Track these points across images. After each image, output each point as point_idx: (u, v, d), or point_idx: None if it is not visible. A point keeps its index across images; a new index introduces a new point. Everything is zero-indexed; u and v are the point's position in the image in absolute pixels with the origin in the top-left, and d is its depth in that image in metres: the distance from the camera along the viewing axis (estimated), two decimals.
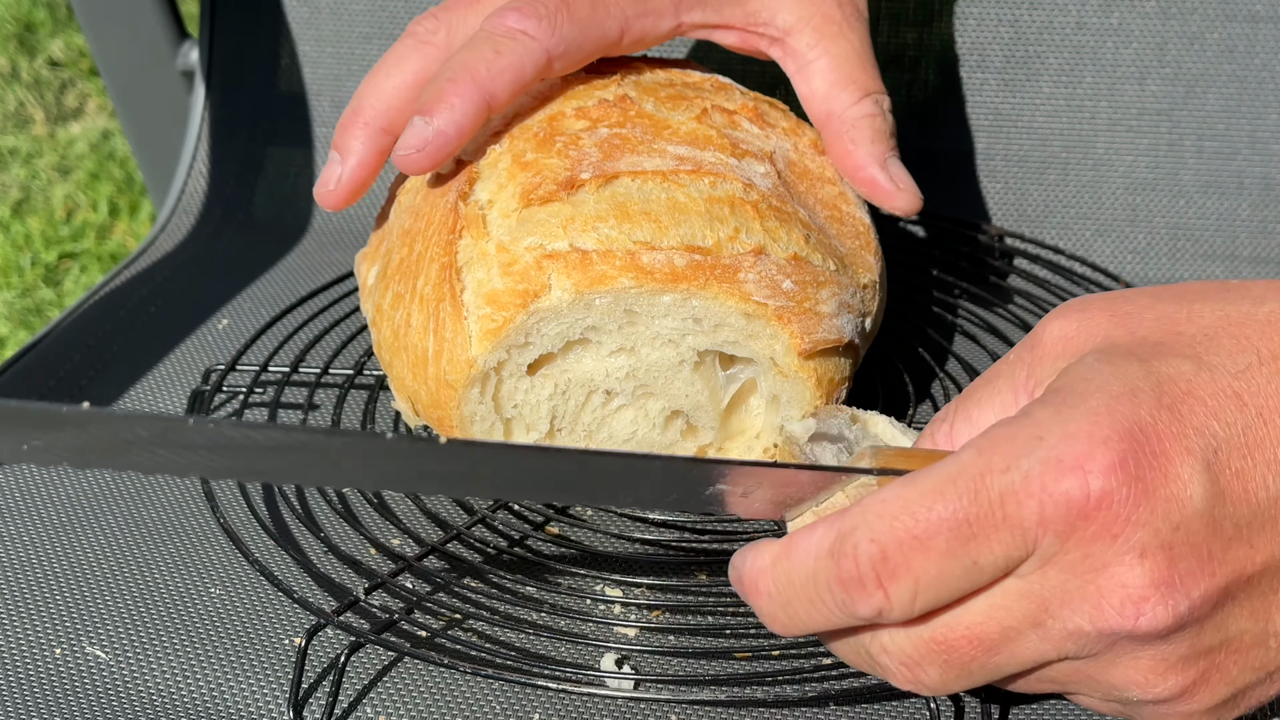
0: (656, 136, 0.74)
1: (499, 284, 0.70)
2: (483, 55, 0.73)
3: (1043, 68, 1.01)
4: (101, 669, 0.70)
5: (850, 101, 0.78)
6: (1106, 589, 0.52)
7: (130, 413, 0.54)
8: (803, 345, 0.71)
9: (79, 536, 0.78)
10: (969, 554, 0.52)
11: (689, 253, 0.70)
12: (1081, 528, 0.52)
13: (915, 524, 0.53)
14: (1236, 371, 0.54)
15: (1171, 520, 0.52)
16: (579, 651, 0.70)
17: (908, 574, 0.53)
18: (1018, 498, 0.52)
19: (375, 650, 0.70)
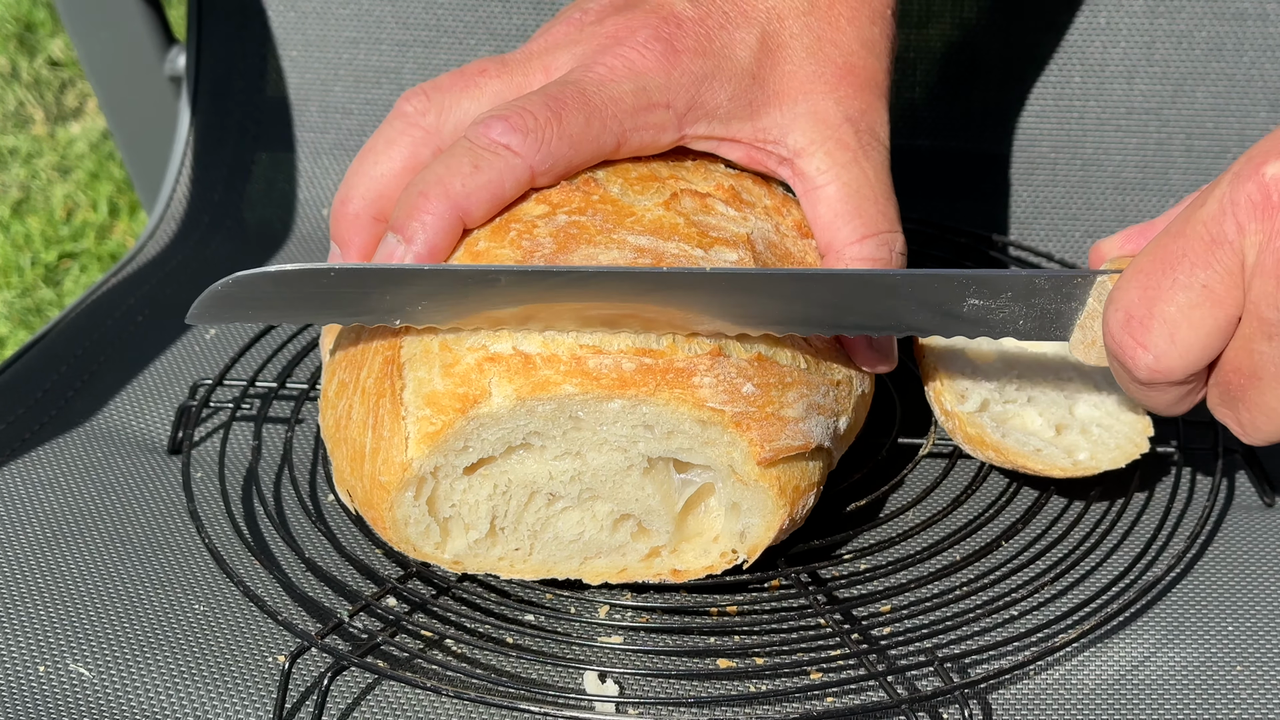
0: (618, 225, 0.71)
1: (439, 385, 0.67)
2: (460, 169, 0.70)
3: (1030, 68, 1.00)
4: (85, 687, 0.70)
5: (852, 238, 0.74)
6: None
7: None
8: (763, 454, 0.67)
9: (63, 553, 0.78)
10: (1196, 279, 0.61)
11: (639, 356, 0.67)
12: (1267, 220, 0.59)
13: (1143, 277, 0.63)
14: None
15: None
16: (562, 674, 0.69)
17: (1155, 319, 0.63)
18: (1216, 219, 0.60)
19: (359, 672, 0.70)
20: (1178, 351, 0.63)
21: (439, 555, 0.71)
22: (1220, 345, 0.63)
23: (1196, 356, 0.63)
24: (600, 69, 0.73)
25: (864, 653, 0.68)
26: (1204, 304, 0.62)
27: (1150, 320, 0.63)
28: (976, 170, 1.02)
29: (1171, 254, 0.62)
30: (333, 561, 0.76)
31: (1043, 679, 0.69)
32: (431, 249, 0.70)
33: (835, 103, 0.75)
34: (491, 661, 0.70)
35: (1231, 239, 0.61)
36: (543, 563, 0.71)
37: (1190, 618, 0.73)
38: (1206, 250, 0.61)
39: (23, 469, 0.84)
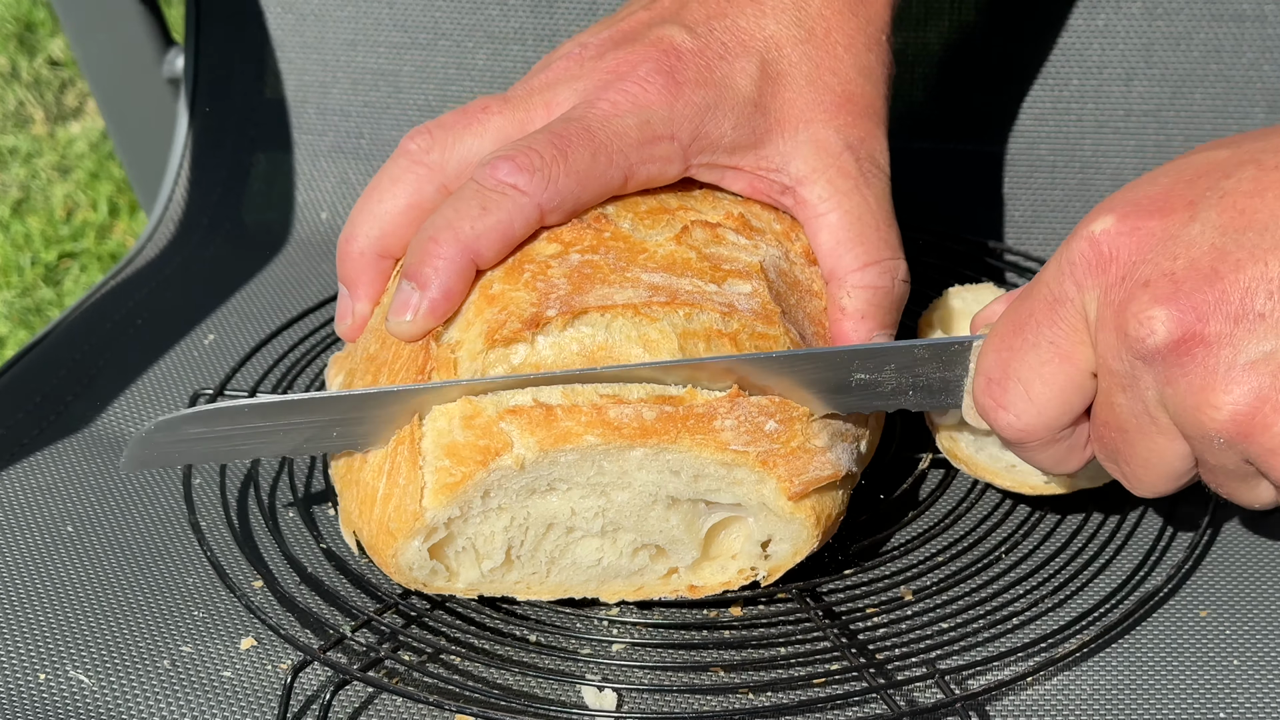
0: (631, 263, 0.70)
1: (460, 436, 0.66)
2: (468, 211, 0.70)
3: (1028, 70, 1.00)
4: (85, 694, 0.70)
5: (854, 266, 0.74)
6: (1127, 322, 0.60)
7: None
8: (793, 488, 0.67)
9: (63, 561, 0.78)
10: (1043, 337, 0.64)
11: (659, 404, 0.66)
12: (1100, 276, 0.62)
13: (999, 340, 0.66)
14: (1240, 143, 0.63)
15: (1173, 254, 0.60)
16: (562, 687, 0.69)
17: (1010, 380, 0.65)
18: (1057, 279, 0.63)
19: (361, 686, 0.70)
20: (1035, 409, 0.65)
21: (452, 586, 0.70)
22: (1079, 400, 0.65)
23: (1055, 412, 0.65)
24: (604, 104, 0.72)
25: (863, 666, 0.68)
26: (1053, 360, 0.64)
27: (1006, 380, 0.65)
28: (975, 173, 1.02)
29: (1021, 317, 0.65)
30: (334, 575, 0.76)
31: (1042, 690, 0.69)
32: (446, 293, 0.70)
33: (835, 130, 0.75)
34: (492, 675, 0.70)
35: (1072, 297, 0.63)
36: (560, 584, 0.71)
37: (1189, 627, 0.72)
38: (1050, 310, 0.64)
39: (22, 474, 0.84)
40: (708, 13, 0.75)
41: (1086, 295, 0.62)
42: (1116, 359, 0.62)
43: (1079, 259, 0.62)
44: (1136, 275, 0.61)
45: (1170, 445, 0.63)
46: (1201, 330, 0.59)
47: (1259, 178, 0.60)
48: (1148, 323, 0.60)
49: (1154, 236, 0.61)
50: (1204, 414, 0.60)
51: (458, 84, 1.08)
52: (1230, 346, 0.59)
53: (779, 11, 0.76)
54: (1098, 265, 0.62)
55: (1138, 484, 0.66)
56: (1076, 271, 0.63)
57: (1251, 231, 0.59)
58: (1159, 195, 0.62)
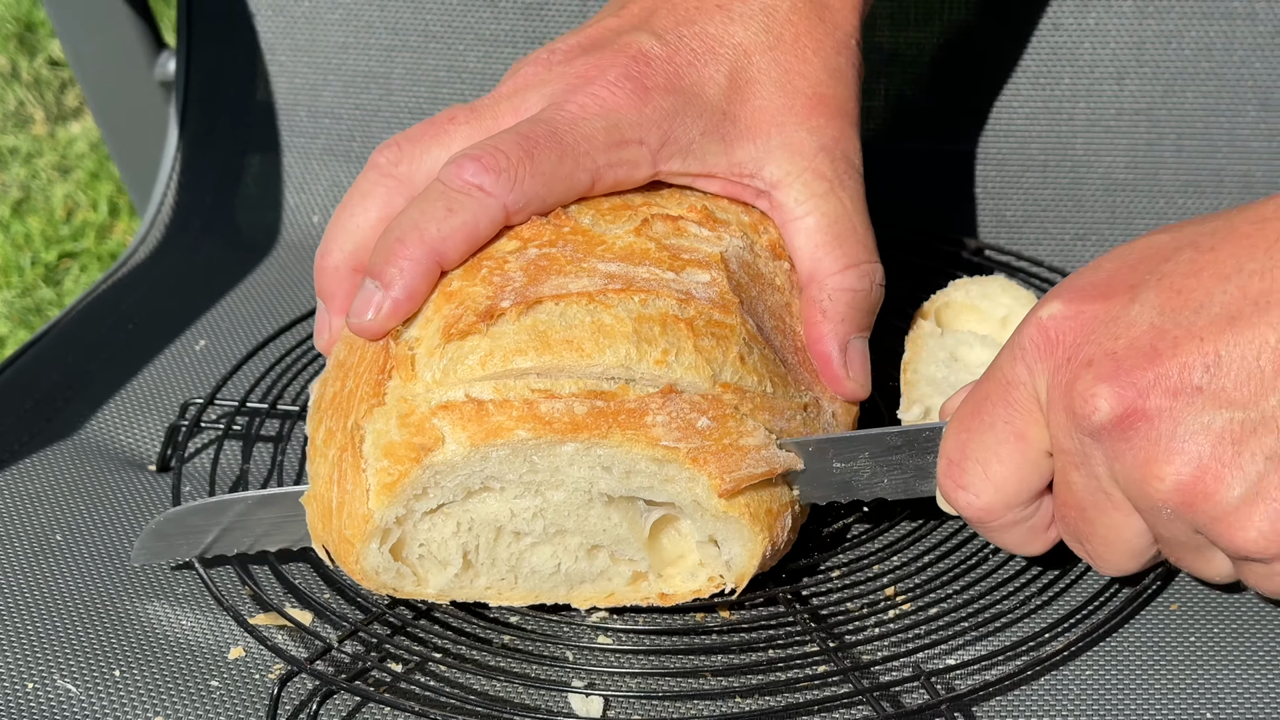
0: (588, 254, 0.70)
1: (396, 435, 0.66)
2: (434, 213, 0.70)
3: (1019, 69, 1.00)
4: (73, 703, 0.70)
5: (833, 269, 0.75)
6: (1073, 400, 0.62)
7: None
8: (724, 486, 0.67)
9: (52, 569, 0.78)
10: (998, 418, 0.66)
11: (591, 399, 0.66)
12: (1048, 358, 0.63)
13: (958, 424, 0.67)
14: (1182, 228, 0.64)
15: (1115, 334, 0.62)
16: (548, 695, 0.69)
17: (969, 461, 0.67)
18: (1010, 364, 0.65)
19: (347, 696, 0.70)
20: (993, 487, 0.67)
21: (422, 591, 0.70)
22: (1035, 478, 0.66)
23: (1012, 490, 0.67)
24: (572, 107, 0.73)
25: (850, 669, 0.68)
26: (1009, 440, 0.66)
27: (965, 462, 0.67)
28: (967, 172, 1.01)
29: (978, 400, 0.67)
30: (322, 586, 0.76)
31: (1029, 690, 0.69)
32: (409, 293, 0.70)
33: (809, 133, 0.75)
34: (479, 684, 0.70)
35: (1024, 380, 0.65)
36: (530, 590, 0.71)
37: (1178, 624, 0.72)
38: (1004, 393, 0.66)
39: (11, 481, 0.84)
40: (676, 20, 0.76)
41: (1037, 377, 0.64)
42: (1067, 437, 0.63)
43: (1029, 343, 0.64)
44: (1081, 355, 0.63)
45: (1126, 521, 0.65)
46: (1143, 405, 0.61)
47: (1195, 259, 0.62)
48: (1092, 400, 0.61)
49: (1097, 319, 0.63)
50: (1150, 485, 0.61)
51: (449, 86, 1.08)
52: (1170, 420, 0.60)
53: (747, 18, 0.76)
54: (1046, 348, 0.64)
55: (1103, 563, 0.67)
56: (1027, 355, 0.65)
57: (1188, 311, 0.61)
58: (1103, 280, 0.64)
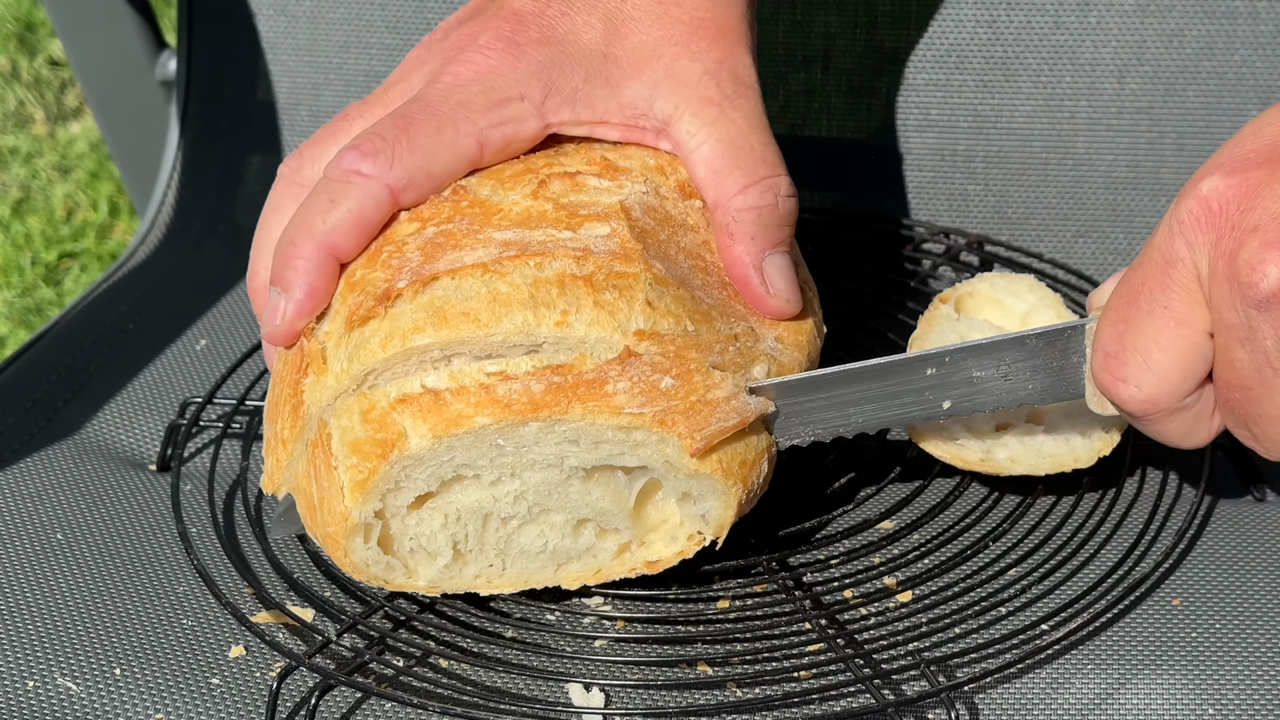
0: (485, 225, 0.70)
1: (360, 432, 0.66)
2: (319, 207, 0.70)
3: (1021, 68, 1.00)
4: (74, 701, 0.70)
5: (734, 190, 0.72)
6: (1239, 269, 0.60)
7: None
8: (695, 444, 0.66)
9: (52, 568, 0.78)
10: (1157, 303, 0.63)
11: (548, 374, 0.66)
12: (1210, 230, 0.61)
13: (1113, 314, 0.65)
14: None
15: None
16: (548, 686, 0.70)
17: (1128, 351, 0.65)
18: (1167, 242, 0.63)
19: (347, 690, 0.70)
20: (1156, 377, 0.65)
21: (413, 584, 0.70)
22: (1200, 365, 0.64)
23: (1177, 379, 0.64)
24: (447, 78, 0.73)
25: (849, 657, 0.68)
26: (1169, 326, 0.64)
27: (1124, 353, 0.65)
28: (968, 170, 1.01)
29: (1133, 286, 0.64)
30: (322, 581, 0.76)
31: (1029, 679, 0.69)
32: (310, 291, 0.70)
33: (691, 59, 0.74)
34: (477, 676, 0.70)
35: (1183, 257, 0.62)
36: (518, 575, 0.71)
37: (1178, 615, 0.72)
38: (1162, 273, 0.63)
39: (12, 480, 0.84)
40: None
41: (1198, 252, 0.62)
42: (1232, 311, 0.61)
43: (1188, 217, 0.62)
44: (1246, 223, 0.60)
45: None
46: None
47: None
48: (1260, 267, 0.59)
49: (1262, 184, 0.61)
50: None
51: None
52: None
53: None
54: (1207, 220, 0.62)
55: (1272, 445, 0.65)
56: (1186, 230, 0.62)
57: None
58: (1265, 147, 0.62)
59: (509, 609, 0.73)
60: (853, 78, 1.02)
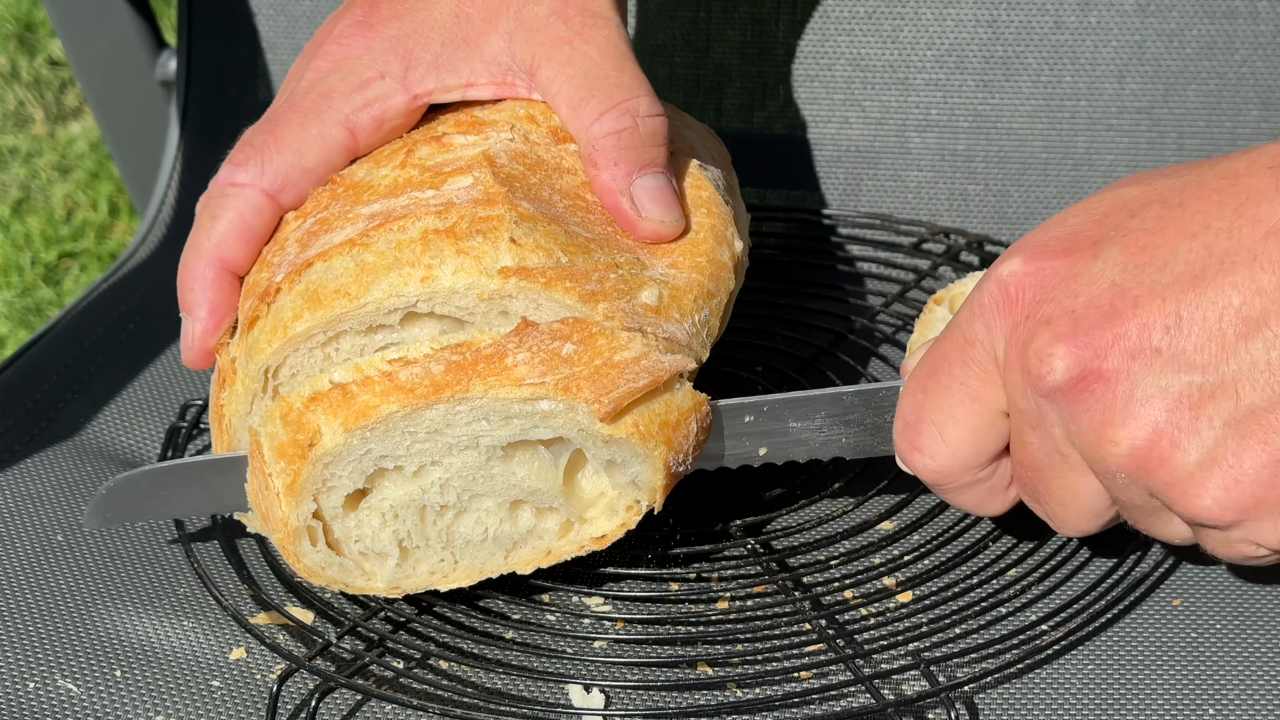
0: (355, 205, 0.70)
1: (283, 436, 0.66)
2: (203, 225, 0.72)
3: (1021, 68, 1.00)
4: (75, 703, 0.70)
5: (591, 120, 0.72)
6: (1029, 360, 0.61)
7: None
8: (602, 409, 0.65)
9: (52, 569, 0.78)
10: (955, 378, 0.64)
11: (446, 354, 0.65)
12: (1007, 316, 0.62)
13: (914, 384, 0.66)
14: (1152, 180, 0.63)
15: (1074, 292, 0.60)
16: (547, 688, 0.70)
17: (924, 422, 0.66)
18: (968, 322, 0.64)
19: (346, 693, 0.70)
20: (949, 450, 0.66)
21: (373, 586, 0.70)
22: (993, 441, 0.65)
23: (970, 453, 0.66)
24: (308, 75, 0.74)
25: (849, 657, 0.68)
26: (965, 401, 0.65)
27: (921, 424, 0.66)
28: (968, 170, 1.01)
29: (935, 360, 0.66)
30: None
31: (1029, 679, 0.69)
32: (211, 309, 0.71)
33: (537, 2, 0.74)
34: (477, 677, 0.70)
35: (982, 338, 0.63)
36: (470, 567, 0.70)
37: (1178, 614, 0.72)
38: (962, 352, 0.64)
39: (12, 481, 0.84)
40: None
41: (995, 335, 0.63)
42: (1023, 397, 0.62)
43: (988, 300, 0.63)
44: (1039, 313, 0.61)
45: (1083, 482, 0.63)
46: (1099, 366, 0.59)
47: (1163, 215, 0.60)
48: (1048, 360, 0.60)
49: (1058, 275, 0.61)
50: (1104, 449, 0.60)
51: None
52: (1127, 382, 0.59)
53: None
54: (1005, 305, 0.62)
55: (1060, 523, 0.66)
56: (985, 313, 0.63)
57: (1151, 269, 0.59)
58: (1066, 236, 0.63)
59: (508, 610, 0.74)
60: (852, 77, 1.02)
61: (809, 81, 1.02)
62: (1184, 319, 0.58)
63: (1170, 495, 0.60)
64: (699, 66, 1.03)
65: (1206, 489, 0.59)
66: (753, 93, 1.02)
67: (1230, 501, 0.59)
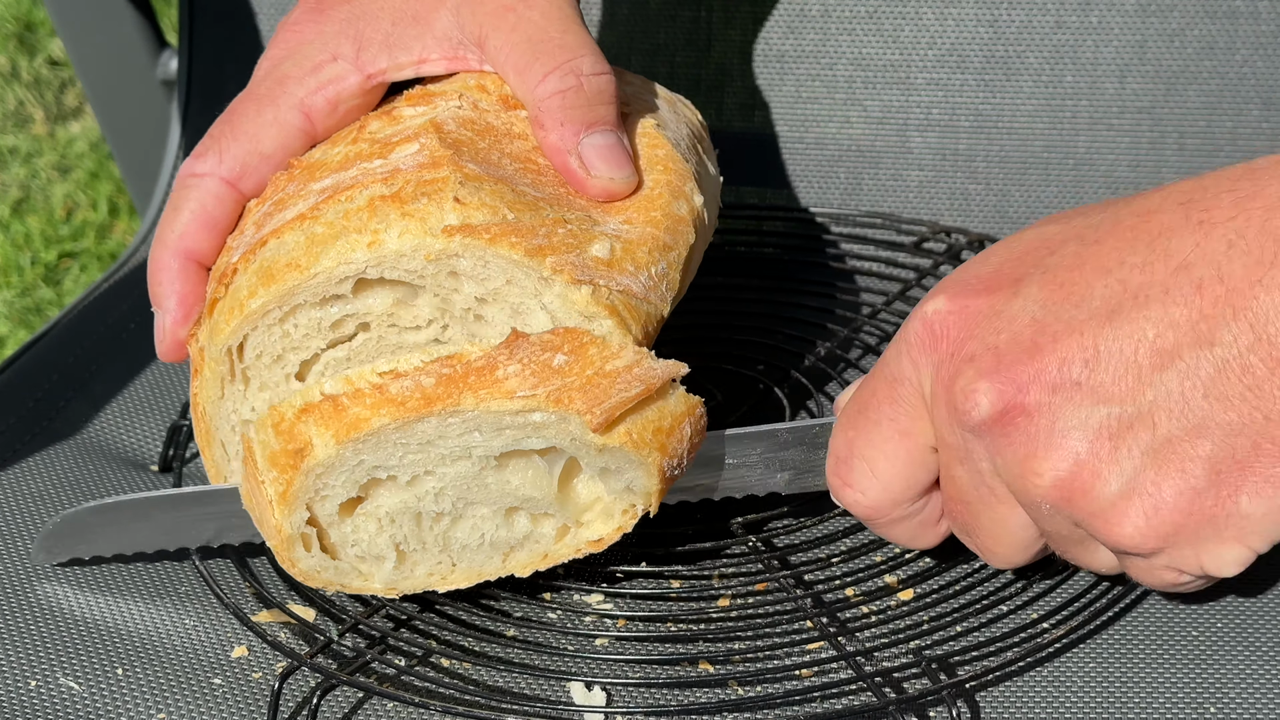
0: (309, 182, 0.70)
1: (275, 444, 0.66)
2: (167, 218, 0.73)
3: (1022, 67, 1.00)
4: (76, 701, 0.70)
5: (536, 82, 0.71)
6: (955, 396, 0.62)
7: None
8: (595, 420, 0.64)
9: (54, 569, 0.78)
10: (884, 414, 0.65)
11: (438, 367, 0.65)
12: (932, 353, 0.63)
13: (845, 421, 0.67)
14: (1071, 219, 0.64)
15: (996, 329, 0.61)
16: (548, 685, 0.70)
17: (855, 458, 0.67)
18: (896, 360, 0.65)
19: (348, 690, 0.70)
20: (880, 485, 0.67)
21: (370, 586, 0.70)
22: (923, 475, 0.66)
23: (900, 488, 0.67)
24: (264, 64, 0.75)
25: (850, 655, 0.68)
26: (894, 437, 0.66)
27: (851, 459, 0.67)
28: (969, 169, 1.02)
29: (865, 397, 0.67)
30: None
31: (1031, 677, 0.69)
32: (180, 300, 0.72)
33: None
34: (479, 675, 0.70)
35: (909, 375, 0.64)
36: (468, 570, 0.70)
37: (1180, 612, 0.72)
38: (890, 389, 0.65)
39: (14, 480, 0.84)
40: None
41: (922, 372, 0.64)
42: (950, 433, 0.63)
43: (914, 338, 0.64)
44: (963, 351, 0.62)
45: (1011, 514, 0.64)
46: (1022, 401, 0.60)
47: (1079, 252, 0.62)
48: (972, 395, 0.61)
49: (981, 313, 0.62)
50: (1029, 481, 0.61)
51: None
52: (1049, 415, 0.60)
53: None
54: (930, 343, 0.63)
55: (991, 555, 0.67)
56: (912, 350, 0.64)
57: (1069, 305, 0.60)
58: (988, 274, 0.64)
59: (510, 608, 0.74)
60: (853, 77, 1.02)
61: (810, 81, 1.02)
62: (1101, 352, 0.59)
63: (1094, 524, 0.61)
64: (699, 66, 1.04)
65: (1128, 517, 0.60)
66: (753, 92, 1.03)
67: (1151, 529, 0.60)
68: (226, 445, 0.73)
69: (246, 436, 0.67)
